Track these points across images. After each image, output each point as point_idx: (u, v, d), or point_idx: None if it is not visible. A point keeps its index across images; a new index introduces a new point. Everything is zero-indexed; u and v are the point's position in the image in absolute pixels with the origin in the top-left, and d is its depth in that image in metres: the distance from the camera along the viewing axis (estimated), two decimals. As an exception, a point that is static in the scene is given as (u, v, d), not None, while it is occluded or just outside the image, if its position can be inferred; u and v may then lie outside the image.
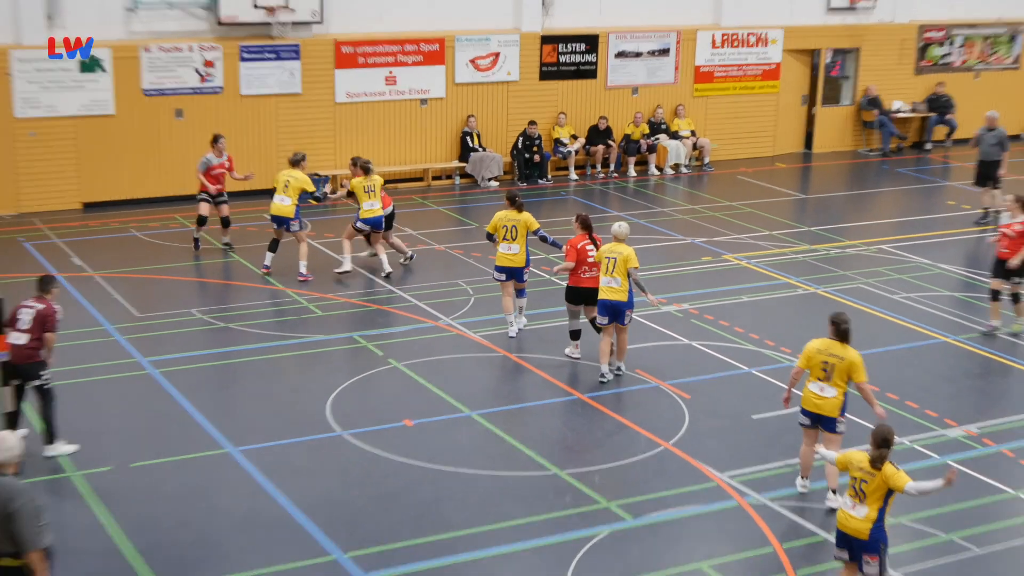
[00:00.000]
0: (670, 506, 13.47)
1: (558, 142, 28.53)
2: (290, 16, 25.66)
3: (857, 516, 10.88)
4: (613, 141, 29.02)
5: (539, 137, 28.07)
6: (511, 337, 18.31)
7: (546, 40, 28.50)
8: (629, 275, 16.13)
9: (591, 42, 28.96)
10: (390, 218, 21.57)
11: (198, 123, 25.50)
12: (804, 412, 13.30)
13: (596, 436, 15.34)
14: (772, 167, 30.54)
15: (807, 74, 31.93)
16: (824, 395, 13.07)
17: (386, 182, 26.13)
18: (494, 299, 19.68)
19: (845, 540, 10.97)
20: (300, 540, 12.62)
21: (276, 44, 25.98)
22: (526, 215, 18.07)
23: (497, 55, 28.06)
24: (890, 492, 10.79)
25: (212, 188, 21.81)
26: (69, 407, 15.53)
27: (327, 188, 24.62)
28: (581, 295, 17.10)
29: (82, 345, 17.75)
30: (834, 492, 13.19)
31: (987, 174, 25.20)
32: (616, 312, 16.24)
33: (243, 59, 25.75)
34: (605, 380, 16.71)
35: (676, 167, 29.61)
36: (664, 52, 29.78)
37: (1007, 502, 13.90)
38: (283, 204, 20.74)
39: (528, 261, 18.23)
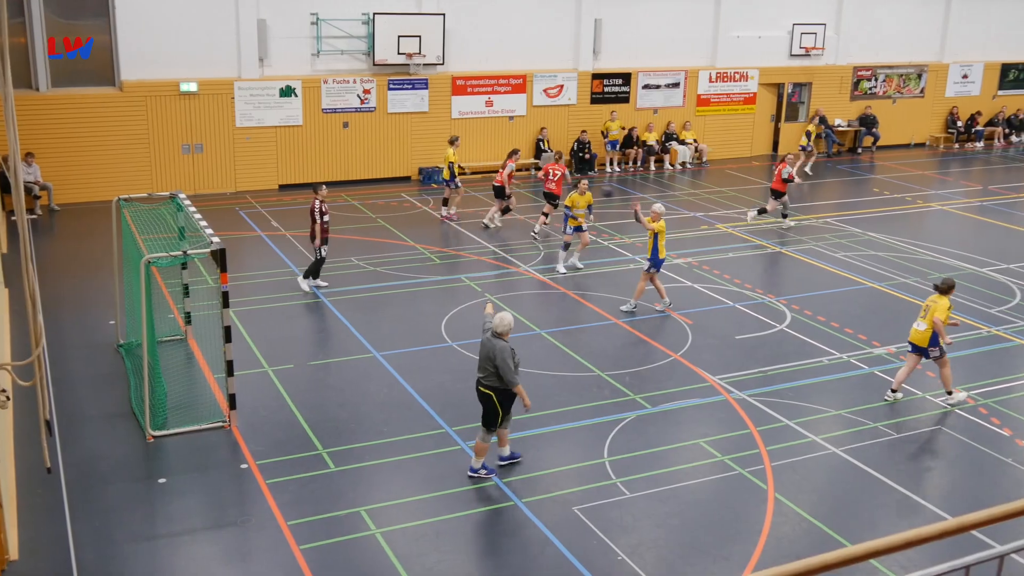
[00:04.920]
0: (677, 399, 13.03)
1: (605, 136, 27.81)
2: (422, 60, 25.24)
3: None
4: (638, 146, 28.30)
5: (588, 143, 27.38)
6: (561, 273, 18.17)
7: (595, 76, 27.82)
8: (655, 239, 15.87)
9: (626, 78, 28.21)
10: (501, 191, 21.36)
11: (359, 132, 25.29)
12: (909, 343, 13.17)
13: (627, 349, 14.81)
14: (750, 164, 29.68)
15: (775, 100, 30.96)
16: (919, 329, 12.88)
17: (484, 173, 25.83)
18: (559, 254, 19.26)
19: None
20: (422, 417, 12.28)
21: (412, 78, 25.54)
22: (588, 195, 18.29)
23: (562, 86, 27.43)
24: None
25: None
26: (266, 322, 15.33)
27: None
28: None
29: (278, 282, 17.46)
30: (949, 393, 13.07)
31: None
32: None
33: (390, 88, 25.33)
34: (625, 309, 16.16)
35: (683, 164, 28.89)
36: (676, 85, 29.01)
37: (916, 401, 13.23)
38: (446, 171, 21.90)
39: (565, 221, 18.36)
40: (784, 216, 22.02)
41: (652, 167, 28.45)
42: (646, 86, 28.61)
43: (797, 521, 10.22)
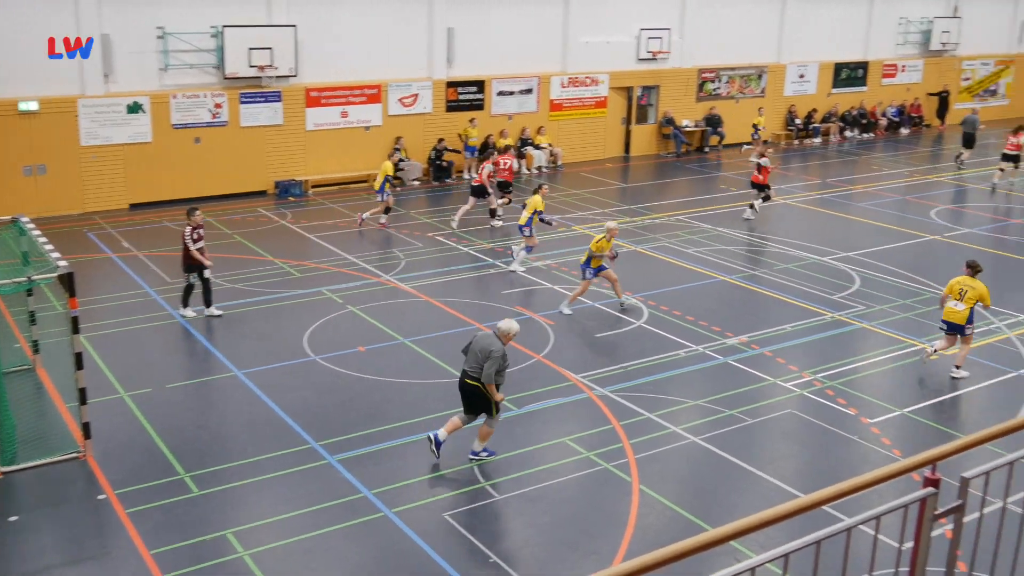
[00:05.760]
0: (542, 399, 13.14)
1: (464, 141, 27.89)
2: (274, 72, 24.76)
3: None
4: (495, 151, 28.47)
5: (445, 150, 27.40)
6: (512, 271, 18.88)
7: (450, 84, 27.86)
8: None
9: (480, 85, 28.36)
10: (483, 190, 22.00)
11: (212, 147, 24.62)
12: (945, 322, 14.20)
13: (491, 353, 14.83)
14: (604, 167, 30.23)
15: (625, 103, 31.64)
16: (958, 309, 13.93)
17: (340, 184, 25.58)
18: (419, 262, 19.23)
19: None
20: (286, 434, 12.03)
21: (265, 91, 25.03)
22: (535, 198, 18.83)
23: (417, 95, 27.37)
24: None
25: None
26: (121, 347, 14.76)
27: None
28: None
29: (132, 304, 16.83)
30: (957, 368, 14.17)
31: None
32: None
33: (242, 102, 24.76)
34: (567, 312, 16.45)
35: (539, 168, 29.19)
36: (529, 91, 29.34)
37: (768, 386, 13.71)
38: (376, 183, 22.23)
39: (529, 223, 18.82)
40: (752, 206, 23.04)
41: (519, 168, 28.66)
42: (500, 93, 28.83)
43: (662, 510, 10.45)
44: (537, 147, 29.35)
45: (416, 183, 27.02)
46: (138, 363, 14.23)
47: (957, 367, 14.06)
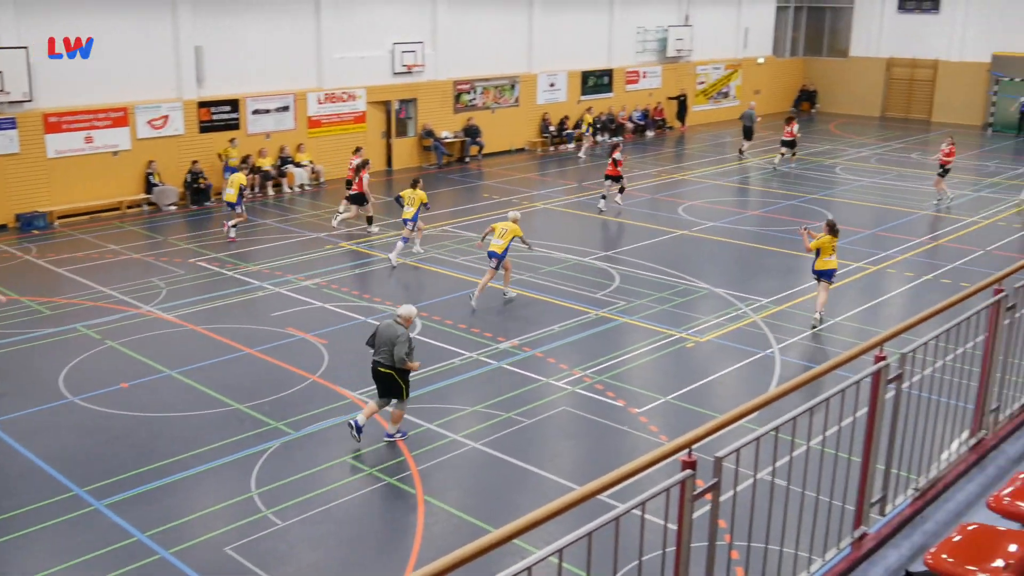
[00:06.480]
0: (320, 420, 12.97)
1: (224, 162, 26.99)
2: (6, 97, 23.05)
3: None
4: (254, 172, 27.78)
5: (202, 172, 26.47)
6: (394, 267, 20.03)
7: (202, 104, 26.93)
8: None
9: (234, 104, 27.60)
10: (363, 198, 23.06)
11: (-62, 180, 22.53)
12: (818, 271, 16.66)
13: (263, 378, 14.48)
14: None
15: (384, 117, 31.70)
16: (831, 261, 16.54)
17: (90, 213, 24.26)
18: (182, 289, 18.53)
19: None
20: (46, 484, 11.26)
21: (-5, 118, 23.29)
22: (419, 192, 20.48)
23: (167, 117, 26.28)
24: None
25: None
26: None
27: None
28: None
29: None
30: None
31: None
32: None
33: (-30, 130, 22.92)
34: (474, 304, 17.34)
35: (302, 187, 28.71)
36: (286, 108, 28.84)
37: (541, 387, 14.13)
38: (229, 193, 22.75)
39: (415, 217, 20.55)
40: (603, 197, 25.59)
41: (271, 192, 28.04)
42: (256, 111, 28.16)
43: (447, 518, 10.56)
44: (298, 165, 28.88)
45: (172, 208, 25.94)
46: None
47: (819, 312, 16.54)
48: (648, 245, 22.13)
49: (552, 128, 36.15)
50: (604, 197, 25.56)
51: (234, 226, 22.71)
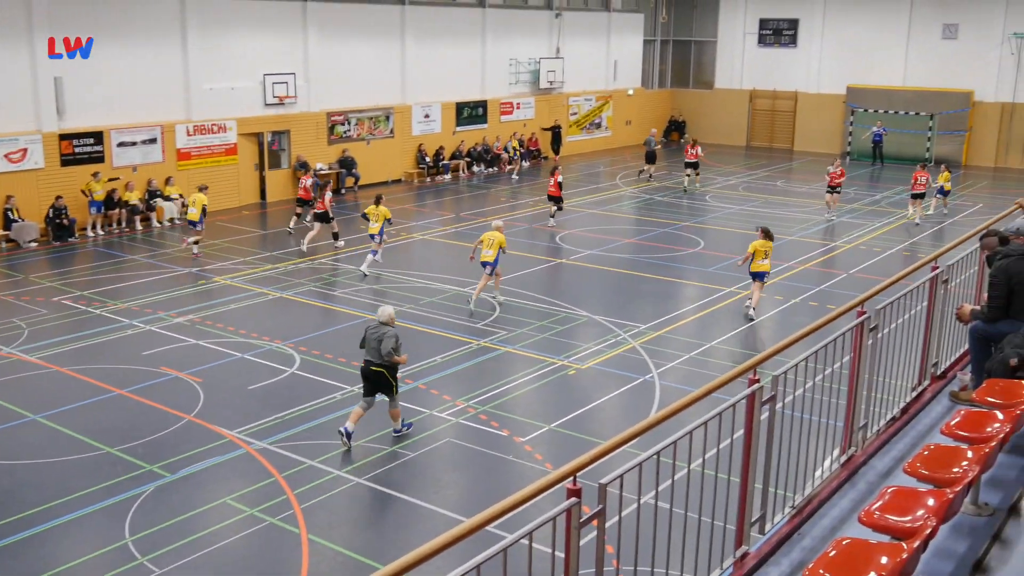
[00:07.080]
0: (198, 461, 12.64)
1: (88, 196, 26.04)
2: None
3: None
4: (120, 207, 26.94)
5: (66, 207, 25.50)
6: (365, 276, 21.54)
7: (63, 137, 26.03)
8: None
9: (98, 136, 26.75)
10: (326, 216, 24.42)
11: None
12: (752, 274, 18.89)
13: (136, 419, 14.01)
14: (240, 214, 29.58)
15: (256, 149, 31.22)
16: (765, 264, 18.76)
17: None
18: (45, 330, 17.81)
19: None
20: (-100, 541, 10.57)
21: None
22: (383, 208, 22.20)
23: (25, 150, 25.29)
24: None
25: None
26: None
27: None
28: None
29: None
30: (753, 308, 18.85)
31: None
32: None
33: None
34: (472, 310, 18.89)
35: (172, 220, 27.94)
36: (153, 141, 28.11)
37: (426, 418, 14.11)
38: (192, 212, 23.79)
39: (381, 231, 22.18)
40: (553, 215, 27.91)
41: (139, 226, 27.22)
42: (121, 144, 27.35)
43: (333, 556, 10.40)
44: (167, 198, 28.12)
45: (33, 244, 24.90)
46: None
47: (753, 308, 18.68)
48: (528, 274, 22.36)
49: (428, 159, 36.24)
50: (553, 215, 27.92)
51: (195, 243, 23.70)
